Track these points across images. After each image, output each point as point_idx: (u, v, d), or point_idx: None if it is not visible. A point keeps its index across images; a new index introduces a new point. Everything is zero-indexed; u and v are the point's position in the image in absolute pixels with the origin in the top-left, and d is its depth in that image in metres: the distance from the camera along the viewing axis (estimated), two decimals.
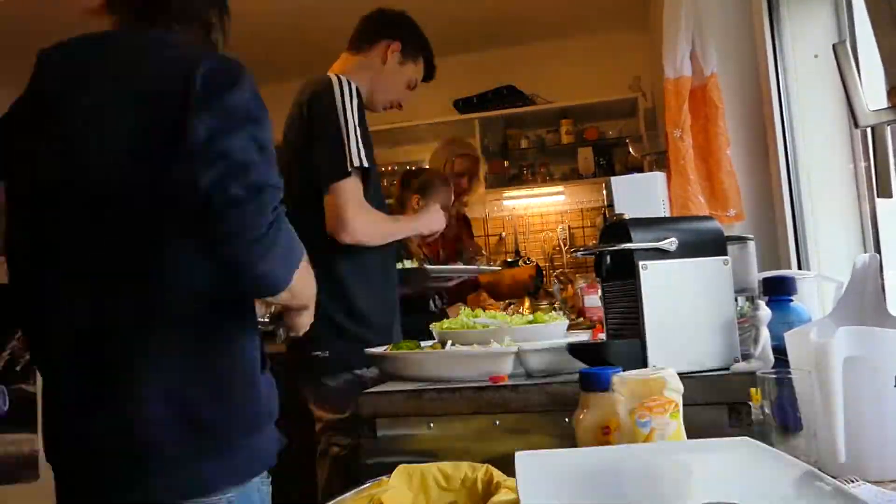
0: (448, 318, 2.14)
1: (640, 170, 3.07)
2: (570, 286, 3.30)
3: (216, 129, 0.99)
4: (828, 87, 1.90)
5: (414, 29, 2.10)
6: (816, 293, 1.55)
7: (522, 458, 0.80)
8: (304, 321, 1.16)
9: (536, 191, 4.39)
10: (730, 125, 2.09)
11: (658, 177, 2.04)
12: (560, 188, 4.39)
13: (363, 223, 1.71)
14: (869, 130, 0.98)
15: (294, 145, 1.82)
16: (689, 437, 1.02)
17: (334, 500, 0.96)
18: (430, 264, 2.65)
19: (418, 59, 2.10)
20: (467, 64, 4.47)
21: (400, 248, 2.42)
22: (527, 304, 3.03)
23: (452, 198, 2.91)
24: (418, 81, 2.15)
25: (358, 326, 1.76)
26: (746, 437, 0.84)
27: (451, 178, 3.05)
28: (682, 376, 1.05)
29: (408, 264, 2.34)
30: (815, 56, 1.93)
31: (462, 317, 1.53)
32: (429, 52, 2.13)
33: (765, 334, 1.04)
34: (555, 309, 2.59)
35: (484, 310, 1.65)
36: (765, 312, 1.05)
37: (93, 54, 1.11)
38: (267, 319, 1.17)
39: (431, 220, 2.06)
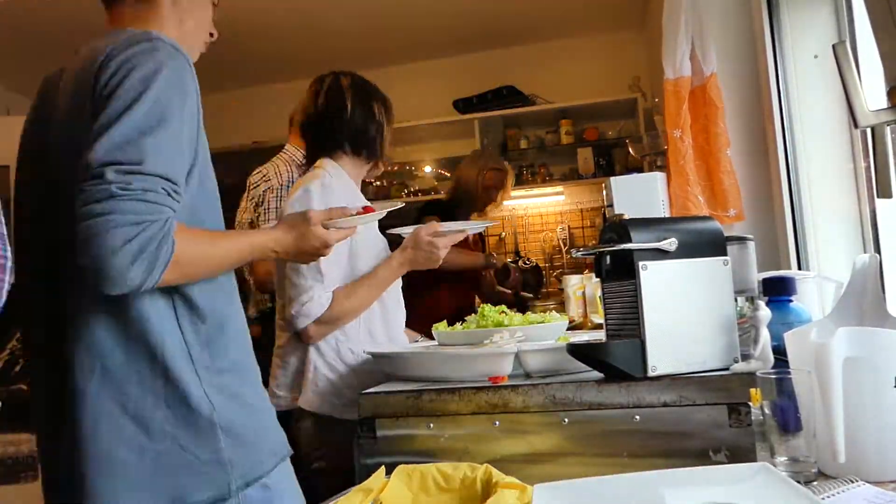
0: None
1: (640, 170, 3.08)
2: None
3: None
4: (828, 87, 1.90)
5: None
6: (816, 293, 1.55)
7: (541, 491, 0.80)
8: None
9: (536, 191, 4.39)
10: (730, 125, 2.09)
11: (658, 177, 2.04)
12: (560, 188, 4.39)
13: None
14: (869, 130, 0.98)
15: None
16: (688, 437, 1.02)
17: (333, 500, 0.95)
18: None
19: None
20: (467, 64, 4.48)
21: None
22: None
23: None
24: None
25: None
26: (765, 464, 0.84)
27: (482, 191, 3.04)
28: (682, 376, 1.06)
29: None
30: (815, 56, 1.93)
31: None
32: None
33: (764, 334, 1.04)
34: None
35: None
36: (765, 313, 1.05)
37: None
38: None
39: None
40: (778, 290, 1.24)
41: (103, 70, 1.01)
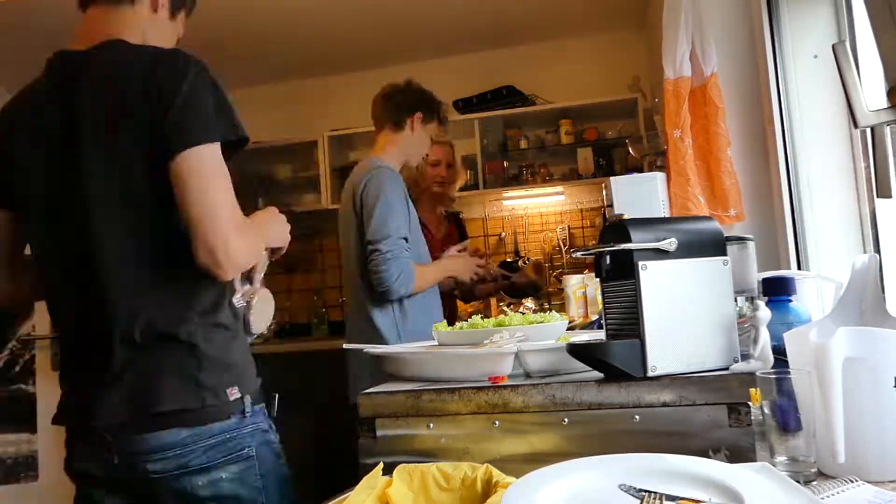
0: None
1: (640, 170, 3.07)
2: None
3: None
4: (828, 87, 1.90)
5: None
6: (816, 293, 1.55)
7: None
8: None
9: (536, 191, 4.39)
10: (730, 125, 2.09)
11: (658, 177, 2.04)
12: (560, 188, 4.39)
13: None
14: (869, 130, 0.98)
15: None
16: (688, 437, 1.02)
17: (336, 500, 0.95)
18: None
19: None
20: (467, 64, 4.48)
21: None
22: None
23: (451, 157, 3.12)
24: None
25: None
26: (765, 464, 0.83)
27: (426, 167, 2.98)
28: (682, 376, 1.06)
29: None
30: (815, 56, 1.93)
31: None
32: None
33: (764, 334, 1.04)
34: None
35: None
36: (764, 313, 1.05)
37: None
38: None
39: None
40: (778, 290, 1.24)
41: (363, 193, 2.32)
